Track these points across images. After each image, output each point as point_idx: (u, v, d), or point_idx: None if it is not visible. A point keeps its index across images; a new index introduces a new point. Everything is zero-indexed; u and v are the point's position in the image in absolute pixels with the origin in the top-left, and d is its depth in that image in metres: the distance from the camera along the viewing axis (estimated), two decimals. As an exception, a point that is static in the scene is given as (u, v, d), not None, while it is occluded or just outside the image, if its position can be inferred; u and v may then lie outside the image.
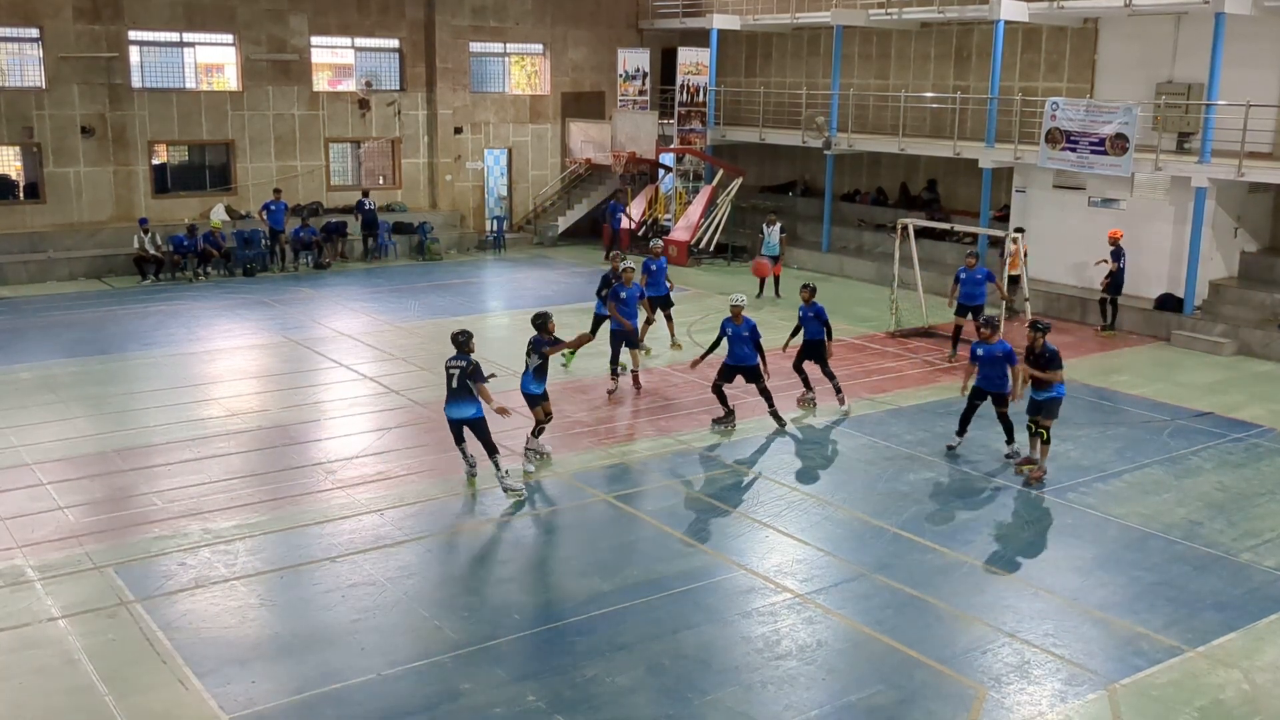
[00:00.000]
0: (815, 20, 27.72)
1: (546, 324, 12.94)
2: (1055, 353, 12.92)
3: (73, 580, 10.12)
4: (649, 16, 31.96)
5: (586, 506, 12.22)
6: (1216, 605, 10.08)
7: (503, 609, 9.76)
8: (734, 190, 28.01)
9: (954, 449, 13.96)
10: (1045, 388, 12.94)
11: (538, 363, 12.87)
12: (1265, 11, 20.04)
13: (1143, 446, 14.39)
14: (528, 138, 31.19)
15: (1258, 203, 21.39)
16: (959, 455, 13.85)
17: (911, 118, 26.56)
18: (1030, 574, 10.66)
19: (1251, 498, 12.67)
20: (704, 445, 14.17)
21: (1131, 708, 8.42)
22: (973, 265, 18.13)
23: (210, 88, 26.72)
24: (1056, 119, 21.50)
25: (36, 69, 24.53)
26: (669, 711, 8.22)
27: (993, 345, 13.24)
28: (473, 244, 29.48)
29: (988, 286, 18.17)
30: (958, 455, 13.87)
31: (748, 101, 30.30)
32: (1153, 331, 20.70)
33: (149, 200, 25.86)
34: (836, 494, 12.58)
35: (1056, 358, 12.90)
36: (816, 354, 15.50)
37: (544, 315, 13.04)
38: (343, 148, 28.85)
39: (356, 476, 12.85)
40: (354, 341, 19.27)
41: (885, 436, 14.48)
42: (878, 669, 8.91)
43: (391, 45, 28.86)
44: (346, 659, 8.88)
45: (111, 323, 20.38)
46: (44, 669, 8.68)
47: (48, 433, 14.09)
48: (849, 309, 22.47)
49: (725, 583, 10.34)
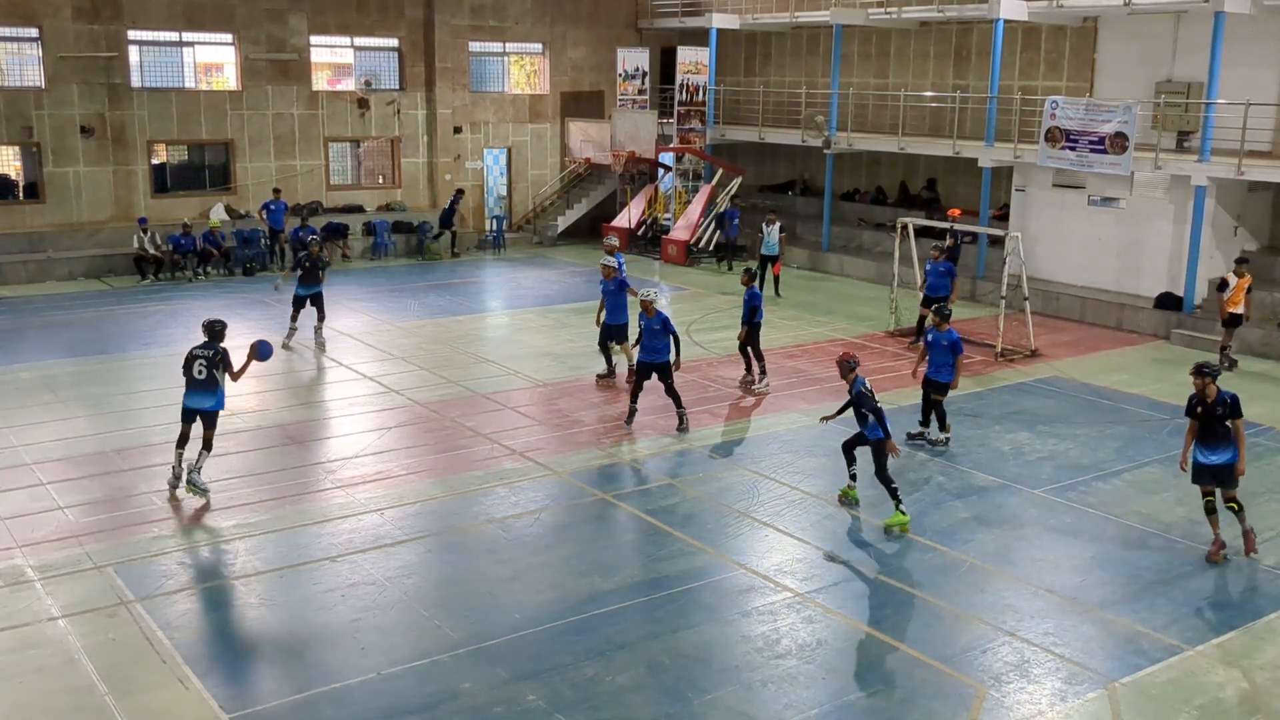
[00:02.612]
0: (815, 19, 27.73)
1: (223, 332, 12.11)
2: (1235, 399, 10.64)
3: (73, 580, 10.12)
4: (648, 16, 31.96)
5: (586, 506, 12.22)
6: (1216, 604, 10.09)
7: (503, 608, 9.76)
8: (734, 189, 28.01)
9: (915, 436, 14.19)
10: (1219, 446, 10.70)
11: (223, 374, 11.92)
12: (1265, 10, 20.04)
13: (1142, 445, 14.39)
14: (527, 137, 31.19)
15: (1257, 201, 21.39)
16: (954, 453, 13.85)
17: (911, 117, 26.56)
18: (1030, 573, 10.66)
19: (1251, 496, 12.64)
20: (704, 445, 14.17)
21: (1131, 706, 8.42)
22: (938, 258, 18.64)
23: (209, 87, 26.72)
24: (1056, 118, 21.50)
25: (36, 69, 24.52)
26: (669, 710, 8.23)
27: (941, 334, 13.67)
28: (472, 244, 29.48)
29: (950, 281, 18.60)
30: (925, 442, 14.12)
31: (747, 101, 30.31)
32: (1152, 330, 20.71)
33: (148, 200, 25.86)
34: (836, 493, 12.57)
35: (1237, 405, 10.61)
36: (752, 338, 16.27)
37: (221, 323, 12.17)
38: (342, 147, 28.86)
39: (356, 476, 12.85)
40: (353, 341, 19.27)
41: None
42: (877, 668, 8.92)
43: (391, 45, 28.86)
44: (346, 658, 8.88)
45: (111, 322, 20.38)
46: (44, 669, 8.68)
47: (47, 432, 14.09)
48: (849, 308, 22.49)
49: (725, 582, 10.34)
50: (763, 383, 16.40)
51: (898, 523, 11.47)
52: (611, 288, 16.30)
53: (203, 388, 11.75)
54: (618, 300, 16.39)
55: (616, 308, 16.36)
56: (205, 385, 11.74)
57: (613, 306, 16.35)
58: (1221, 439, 10.61)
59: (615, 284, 16.41)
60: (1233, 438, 10.57)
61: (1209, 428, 10.63)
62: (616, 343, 16.54)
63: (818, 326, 20.87)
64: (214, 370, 11.72)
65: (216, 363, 11.73)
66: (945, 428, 14.07)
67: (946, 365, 13.70)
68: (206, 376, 11.71)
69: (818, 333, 20.31)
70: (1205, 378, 10.65)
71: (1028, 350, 18.86)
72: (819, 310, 22.37)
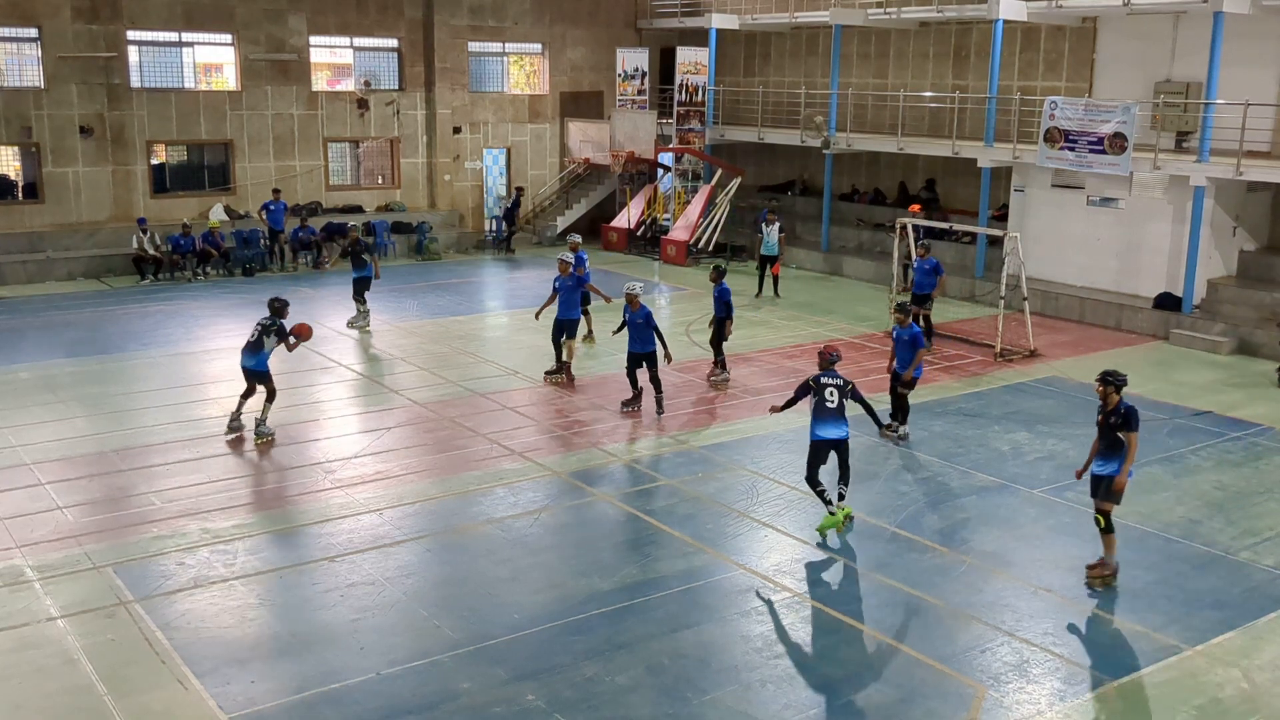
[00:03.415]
0: (814, 19, 27.72)
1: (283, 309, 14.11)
2: (1131, 411, 10.19)
3: (72, 580, 10.12)
4: (648, 16, 31.97)
5: (586, 506, 12.22)
6: (1215, 604, 10.08)
7: (502, 608, 9.75)
8: (733, 190, 28.01)
9: (887, 428, 14.28)
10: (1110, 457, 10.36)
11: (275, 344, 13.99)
12: (1264, 10, 20.03)
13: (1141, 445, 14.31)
14: (526, 137, 31.19)
15: (1256, 202, 21.40)
16: (954, 452, 13.86)
17: (910, 117, 26.56)
18: (1029, 573, 10.66)
19: (1250, 496, 12.68)
20: (704, 445, 14.17)
21: (1130, 706, 8.43)
22: (923, 256, 18.90)
23: (209, 87, 26.71)
24: (1055, 118, 21.50)
25: (35, 69, 24.51)
26: (668, 710, 8.23)
27: (903, 329, 14.14)
28: (471, 244, 29.48)
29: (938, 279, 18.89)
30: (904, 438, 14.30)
31: (746, 101, 30.30)
32: (1151, 330, 20.71)
33: (148, 200, 25.85)
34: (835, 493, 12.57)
35: (1131, 417, 10.18)
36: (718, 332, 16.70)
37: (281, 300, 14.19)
38: (341, 147, 28.85)
39: (355, 476, 12.85)
40: (353, 341, 19.27)
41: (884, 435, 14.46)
42: (877, 668, 8.92)
43: (390, 45, 28.85)
44: (346, 658, 8.88)
45: (110, 322, 20.37)
46: (43, 669, 8.67)
47: (46, 433, 14.08)
48: (848, 308, 22.49)
49: (724, 582, 10.34)
50: (721, 376, 16.88)
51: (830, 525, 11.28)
52: (569, 284, 16.72)
53: (250, 350, 13.81)
54: (571, 296, 16.83)
55: (569, 303, 16.81)
56: (252, 348, 13.79)
57: (565, 302, 16.78)
58: (1112, 448, 10.25)
59: (573, 280, 16.84)
60: (1123, 450, 10.18)
61: (1103, 437, 10.30)
62: (568, 336, 16.88)
63: (817, 326, 20.87)
64: (264, 337, 13.75)
65: (269, 331, 13.76)
66: (903, 420, 14.42)
67: (906, 358, 14.15)
68: (256, 340, 13.80)
69: (817, 332, 20.31)
70: (1108, 385, 10.27)
71: (1027, 350, 18.87)
72: (818, 310, 22.37)
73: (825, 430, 11.18)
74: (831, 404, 11.16)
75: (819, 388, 11.22)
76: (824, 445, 11.22)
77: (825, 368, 11.46)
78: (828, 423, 11.20)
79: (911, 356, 14.05)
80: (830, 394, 11.17)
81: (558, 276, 16.89)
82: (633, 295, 15.11)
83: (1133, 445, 10.11)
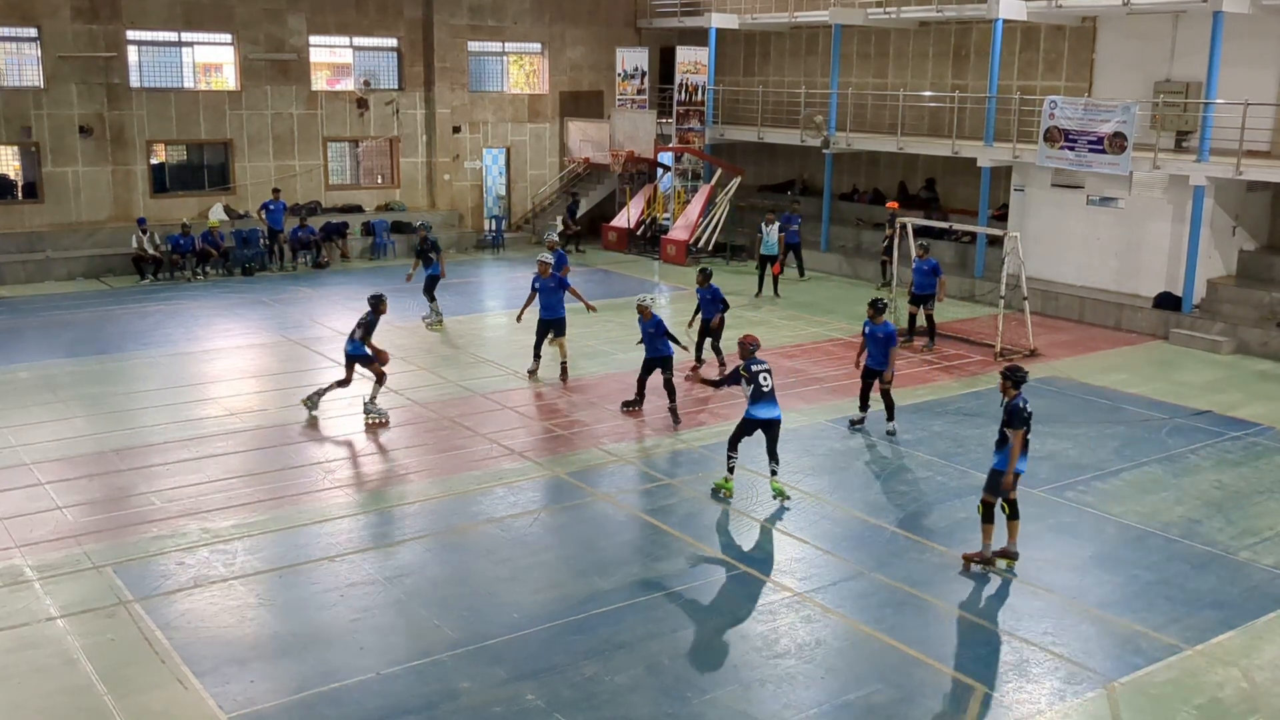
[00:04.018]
0: (814, 19, 27.71)
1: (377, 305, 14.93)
2: (1010, 409, 10.31)
3: (71, 580, 10.12)
4: (647, 15, 31.95)
5: (586, 506, 12.22)
6: (1215, 603, 10.08)
7: (501, 608, 9.75)
8: (733, 189, 28.01)
9: (856, 424, 14.60)
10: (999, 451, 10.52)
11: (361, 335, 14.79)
12: (1263, 10, 20.03)
13: (1141, 445, 14.39)
14: (526, 137, 31.18)
15: (1256, 201, 21.40)
16: (953, 452, 13.85)
17: (910, 116, 26.56)
18: (1029, 572, 10.66)
19: (1250, 496, 12.68)
20: (704, 445, 14.17)
21: (1130, 706, 8.43)
22: (922, 256, 18.93)
23: (208, 87, 26.71)
24: (1055, 117, 21.50)
25: (34, 69, 24.51)
26: (668, 710, 8.22)
27: (878, 326, 14.21)
28: (471, 243, 29.48)
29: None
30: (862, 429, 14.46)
31: (746, 100, 30.30)
32: (1151, 330, 20.72)
33: (147, 200, 25.85)
34: (834, 493, 12.58)
35: (1010, 414, 10.29)
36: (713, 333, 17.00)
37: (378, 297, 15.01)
38: (341, 147, 28.84)
39: (355, 476, 12.84)
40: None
41: (883, 435, 14.47)
42: (876, 667, 8.92)
43: (390, 44, 28.85)
44: (345, 658, 8.88)
45: (110, 322, 20.37)
46: (43, 669, 8.67)
47: (46, 432, 14.08)
48: (847, 308, 22.46)
49: (724, 582, 10.34)
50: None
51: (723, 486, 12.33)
52: (551, 284, 16.64)
53: (350, 338, 14.84)
54: (553, 297, 16.74)
55: (551, 304, 16.73)
56: (351, 336, 14.84)
57: (547, 304, 16.72)
58: (1001, 443, 10.44)
59: (554, 281, 16.75)
60: (1008, 446, 10.29)
61: (1000, 431, 10.44)
62: (556, 335, 16.81)
63: (817, 326, 20.87)
64: (357, 328, 14.75)
65: (361, 324, 14.70)
66: (891, 416, 14.53)
67: (882, 355, 14.25)
68: (353, 329, 14.86)
69: (816, 332, 20.32)
70: (1005, 381, 10.40)
71: (1026, 350, 18.86)
72: (817, 310, 22.36)
73: (761, 411, 11.91)
74: (766, 387, 11.90)
75: (752, 375, 11.90)
76: (756, 424, 11.96)
77: (749, 356, 12.08)
78: (764, 404, 11.93)
79: (888, 353, 14.17)
80: (764, 378, 11.90)
81: (537, 277, 16.85)
82: (643, 307, 14.94)
83: (1015, 442, 10.26)
